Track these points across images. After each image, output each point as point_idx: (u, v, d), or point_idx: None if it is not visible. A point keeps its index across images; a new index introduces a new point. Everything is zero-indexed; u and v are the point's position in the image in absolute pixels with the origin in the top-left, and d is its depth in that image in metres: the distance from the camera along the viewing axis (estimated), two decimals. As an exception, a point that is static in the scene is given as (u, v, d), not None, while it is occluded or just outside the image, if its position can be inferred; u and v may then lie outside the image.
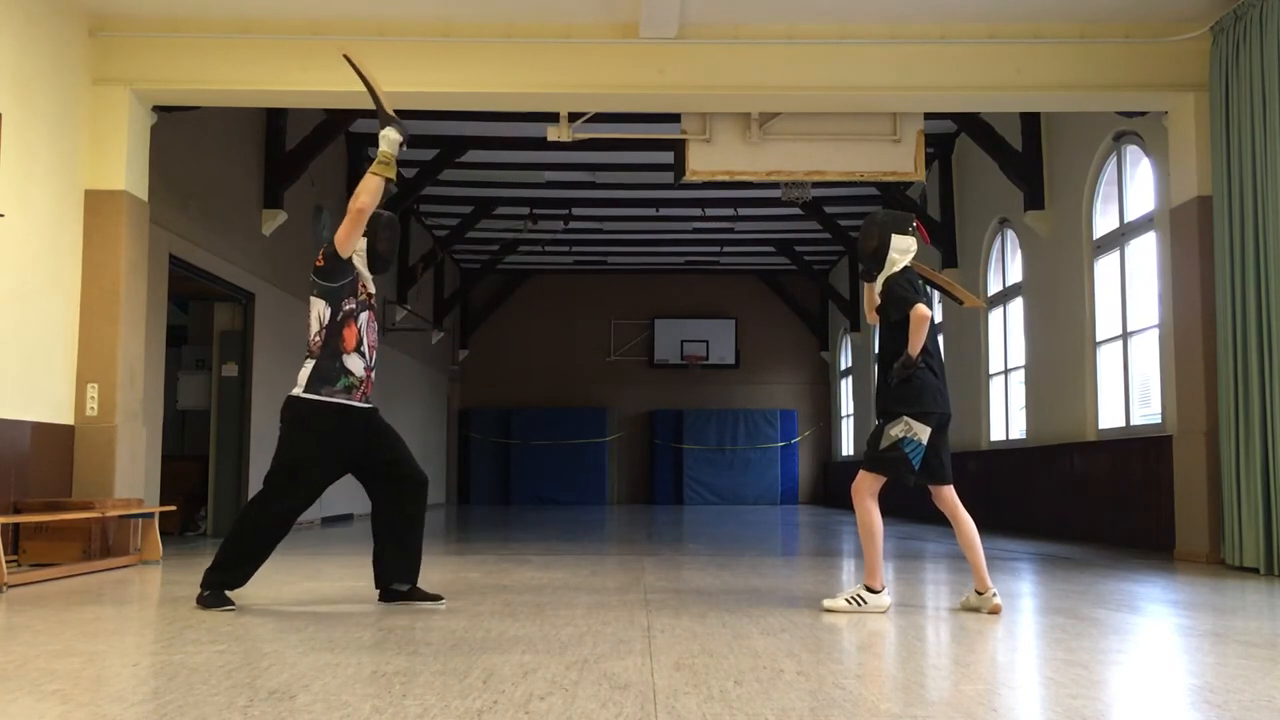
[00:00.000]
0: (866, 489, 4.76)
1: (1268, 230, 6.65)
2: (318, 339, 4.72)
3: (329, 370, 4.70)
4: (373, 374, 4.82)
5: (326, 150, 11.53)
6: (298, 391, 4.77)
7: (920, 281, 4.86)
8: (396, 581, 4.94)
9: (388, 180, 4.72)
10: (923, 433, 4.65)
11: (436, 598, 4.94)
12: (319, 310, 4.74)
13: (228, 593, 4.74)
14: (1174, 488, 7.79)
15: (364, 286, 4.82)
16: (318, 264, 4.76)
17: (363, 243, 4.80)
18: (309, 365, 4.74)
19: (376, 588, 5.00)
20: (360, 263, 4.80)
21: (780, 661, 3.46)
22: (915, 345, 4.63)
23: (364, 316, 4.78)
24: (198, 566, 7.11)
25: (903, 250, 4.81)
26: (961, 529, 4.79)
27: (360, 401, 4.80)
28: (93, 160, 7.44)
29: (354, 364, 4.74)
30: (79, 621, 4.39)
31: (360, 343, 4.75)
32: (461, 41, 7.67)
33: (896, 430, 4.67)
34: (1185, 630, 4.31)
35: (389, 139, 4.74)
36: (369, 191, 4.65)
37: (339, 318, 4.72)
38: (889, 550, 8.18)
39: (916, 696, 3.03)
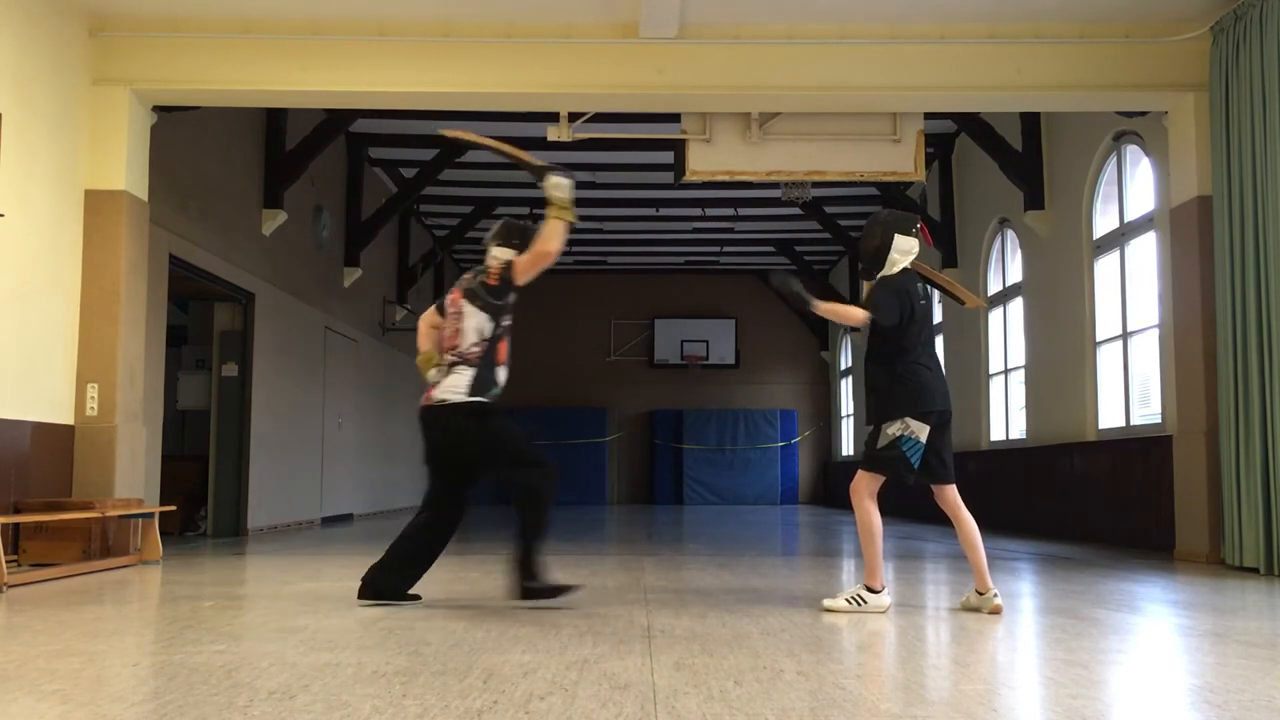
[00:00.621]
0: (865, 489, 4.75)
1: (1268, 230, 6.65)
2: (475, 349, 4.91)
3: (486, 380, 4.90)
4: None
5: (326, 150, 11.54)
6: (463, 397, 4.84)
7: (919, 286, 4.85)
8: (402, 590, 4.93)
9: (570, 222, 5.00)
10: (921, 431, 4.64)
11: (415, 597, 4.99)
12: (479, 323, 4.94)
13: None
14: (1174, 488, 7.79)
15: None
16: (490, 283, 4.98)
17: (513, 255, 5.06)
18: (468, 373, 4.87)
19: (371, 589, 4.92)
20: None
21: (780, 661, 3.46)
22: (832, 310, 4.83)
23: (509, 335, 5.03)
24: (198, 566, 7.12)
25: (904, 251, 4.80)
26: (963, 529, 4.78)
27: None
28: (93, 160, 7.44)
29: (501, 376, 4.99)
30: (79, 621, 4.39)
31: (508, 357, 5.02)
32: (461, 41, 7.68)
33: (894, 429, 4.66)
34: (1185, 630, 4.31)
35: (560, 185, 5.05)
36: (558, 237, 4.99)
37: (497, 333, 4.97)
38: (889, 550, 8.18)
39: (916, 696, 3.03)
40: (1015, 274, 11.84)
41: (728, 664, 3.41)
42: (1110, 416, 9.54)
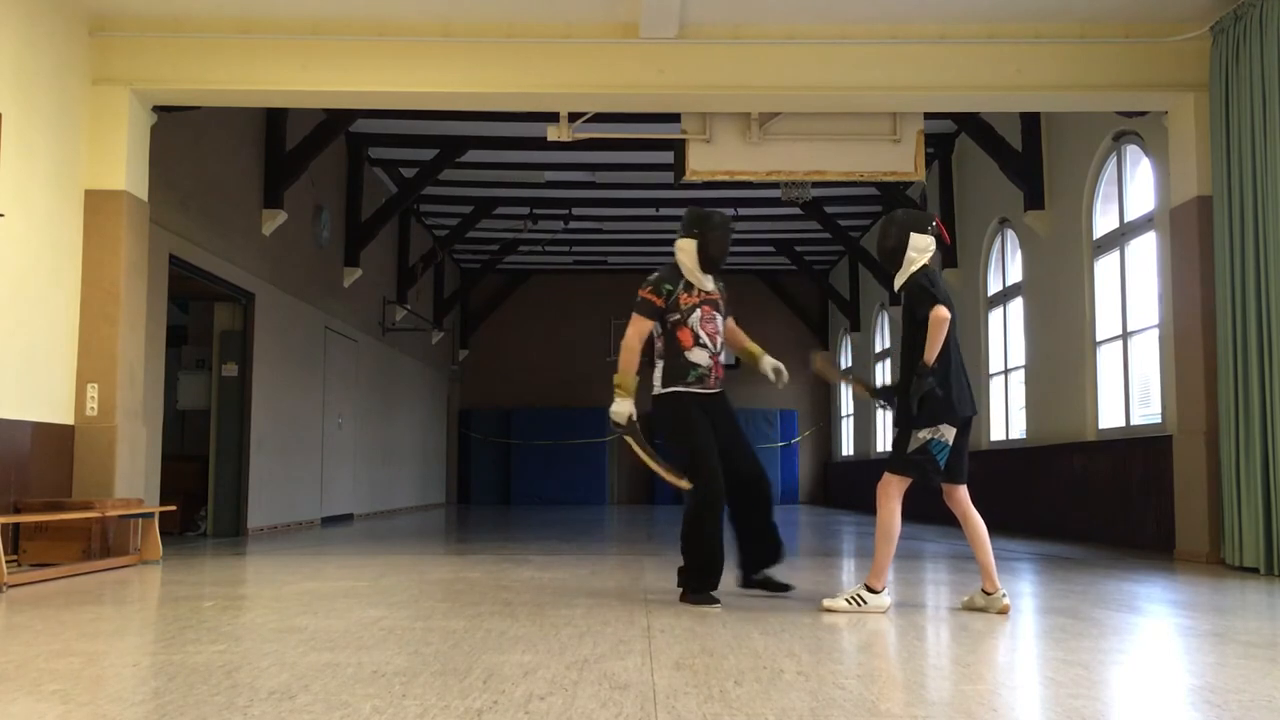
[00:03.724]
0: (895, 491, 4.75)
1: (1268, 230, 6.65)
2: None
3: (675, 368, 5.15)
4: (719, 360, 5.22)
5: (326, 150, 11.54)
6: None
7: (942, 279, 4.85)
8: (759, 567, 5.23)
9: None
10: (949, 434, 4.66)
11: (787, 586, 5.22)
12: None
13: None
14: (1174, 488, 7.78)
15: (691, 297, 5.13)
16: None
17: (693, 244, 5.14)
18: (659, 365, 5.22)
19: (741, 573, 5.27)
20: (693, 263, 5.15)
21: (780, 661, 3.46)
22: (932, 350, 4.59)
23: (695, 315, 5.13)
24: (198, 566, 7.12)
25: (921, 249, 4.79)
26: (972, 529, 4.78)
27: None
28: (93, 160, 7.44)
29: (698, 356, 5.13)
30: (79, 621, 4.39)
31: (698, 338, 5.12)
32: (461, 41, 7.68)
33: (924, 432, 4.66)
34: (1185, 630, 4.31)
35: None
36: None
37: (668, 328, 5.15)
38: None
39: (917, 696, 3.03)
40: (1015, 274, 11.84)
41: (728, 664, 3.41)
42: (1110, 416, 9.54)
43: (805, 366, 23.93)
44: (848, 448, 20.18)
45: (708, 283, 5.21)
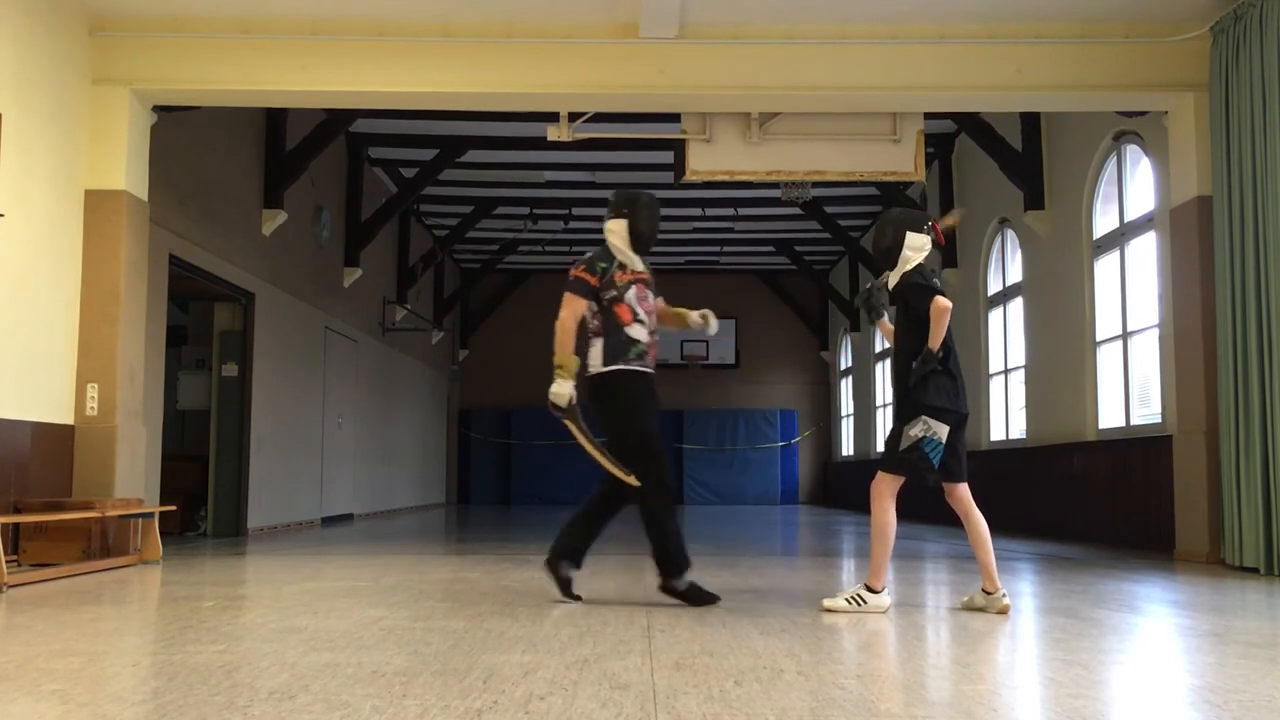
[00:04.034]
0: (887, 490, 4.76)
1: (1268, 230, 6.65)
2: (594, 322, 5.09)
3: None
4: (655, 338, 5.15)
5: (326, 150, 11.54)
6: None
7: (935, 275, 4.86)
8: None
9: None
10: (941, 431, 4.65)
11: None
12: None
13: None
14: (1174, 488, 7.78)
15: (625, 274, 5.03)
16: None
17: (624, 224, 5.05)
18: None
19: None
20: (624, 243, 5.06)
21: (780, 661, 3.46)
22: (936, 338, 4.62)
23: (631, 292, 5.03)
24: (198, 566, 7.12)
25: (917, 248, 4.80)
26: (973, 528, 4.78)
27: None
28: (93, 160, 7.44)
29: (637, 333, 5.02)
30: (79, 621, 4.39)
31: (636, 315, 5.02)
32: (461, 41, 7.67)
33: (916, 430, 4.66)
34: (1185, 630, 4.31)
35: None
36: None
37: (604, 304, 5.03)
38: (889, 550, 8.16)
39: (917, 696, 3.03)
40: (1015, 274, 11.84)
41: (728, 664, 3.41)
42: (1110, 416, 9.53)
43: (805, 366, 23.88)
44: (848, 448, 20.18)
45: (639, 262, 5.13)
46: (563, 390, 4.98)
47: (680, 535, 5.04)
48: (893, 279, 4.85)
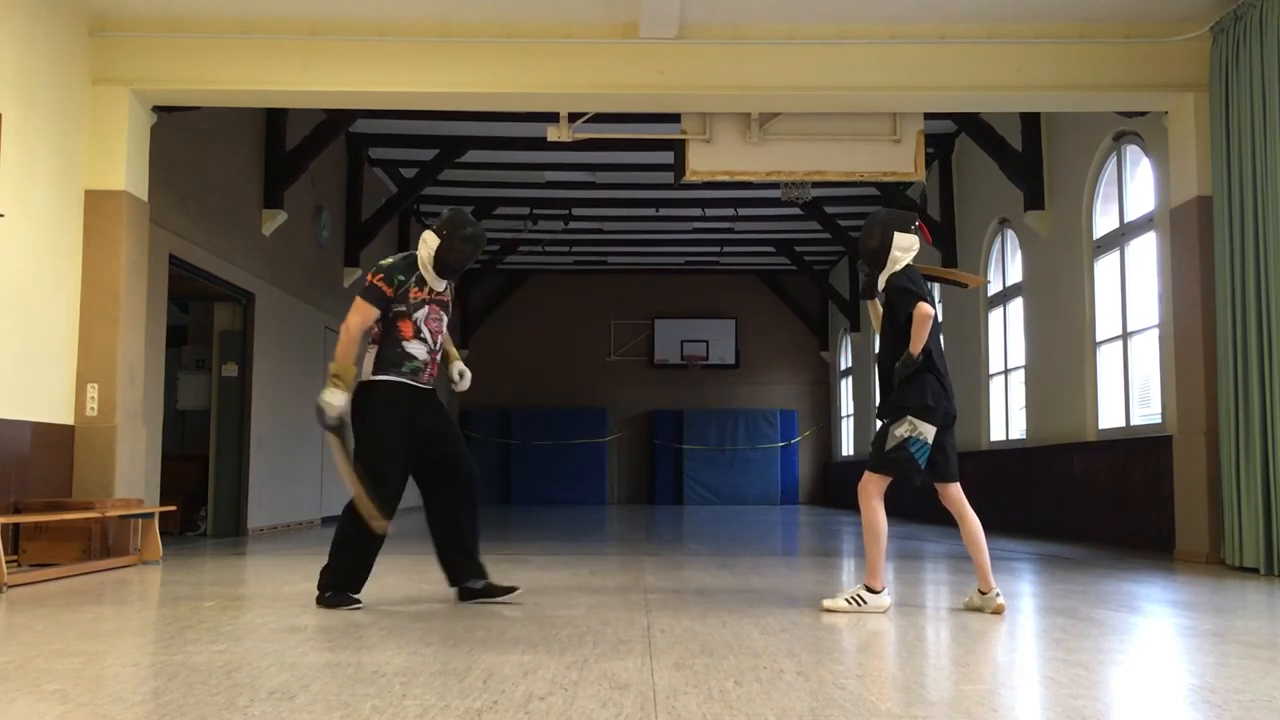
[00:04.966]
0: (874, 490, 4.76)
1: (1268, 230, 6.65)
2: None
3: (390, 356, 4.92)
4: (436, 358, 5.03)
5: (326, 150, 11.53)
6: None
7: (923, 279, 4.86)
8: (466, 578, 5.15)
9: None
10: (928, 432, 4.64)
11: (510, 589, 5.10)
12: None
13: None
14: (1174, 488, 7.78)
15: (421, 292, 4.91)
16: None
17: (437, 244, 4.87)
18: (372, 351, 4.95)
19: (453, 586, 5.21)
20: (430, 261, 4.90)
21: (780, 661, 3.46)
22: (916, 343, 4.62)
23: (422, 312, 4.92)
24: (198, 567, 7.12)
25: (905, 248, 4.80)
26: (967, 528, 4.78)
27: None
28: (93, 160, 7.44)
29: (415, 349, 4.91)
30: (79, 621, 4.39)
31: (419, 332, 4.91)
32: (461, 41, 7.67)
33: (901, 430, 4.66)
34: (1185, 630, 4.31)
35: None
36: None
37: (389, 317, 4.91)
38: (889, 550, 8.17)
39: (916, 696, 3.02)
40: (1015, 274, 11.84)
41: (728, 664, 3.41)
42: (1110, 416, 9.53)
43: (805, 366, 23.89)
44: (848, 448, 20.18)
45: (439, 284, 4.97)
46: (334, 401, 4.85)
47: (350, 568, 5.10)
48: (881, 279, 4.85)
